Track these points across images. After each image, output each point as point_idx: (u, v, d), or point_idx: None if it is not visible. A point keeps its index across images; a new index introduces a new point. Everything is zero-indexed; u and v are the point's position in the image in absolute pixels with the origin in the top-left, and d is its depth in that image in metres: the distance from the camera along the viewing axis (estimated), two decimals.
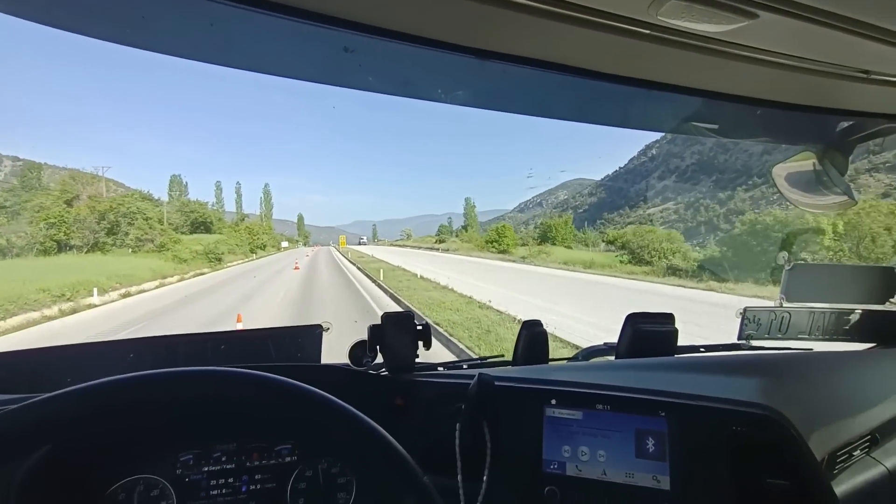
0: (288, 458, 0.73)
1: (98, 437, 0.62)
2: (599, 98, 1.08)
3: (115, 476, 0.65)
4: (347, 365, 0.91)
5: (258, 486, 0.71)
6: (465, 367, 1.09)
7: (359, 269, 25.25)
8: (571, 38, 0.84)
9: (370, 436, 0.52)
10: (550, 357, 1.18)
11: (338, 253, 48.37)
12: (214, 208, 66.83)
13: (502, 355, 1.20)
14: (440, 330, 8.37)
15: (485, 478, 0.69)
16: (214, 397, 0.52)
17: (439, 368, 1.03)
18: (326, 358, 1.00)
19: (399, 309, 3.14)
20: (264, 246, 52.26)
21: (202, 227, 46.88)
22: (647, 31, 0.74)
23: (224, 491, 0.69)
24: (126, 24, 0.79)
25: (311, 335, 0.97)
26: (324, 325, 0.98)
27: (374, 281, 18.46)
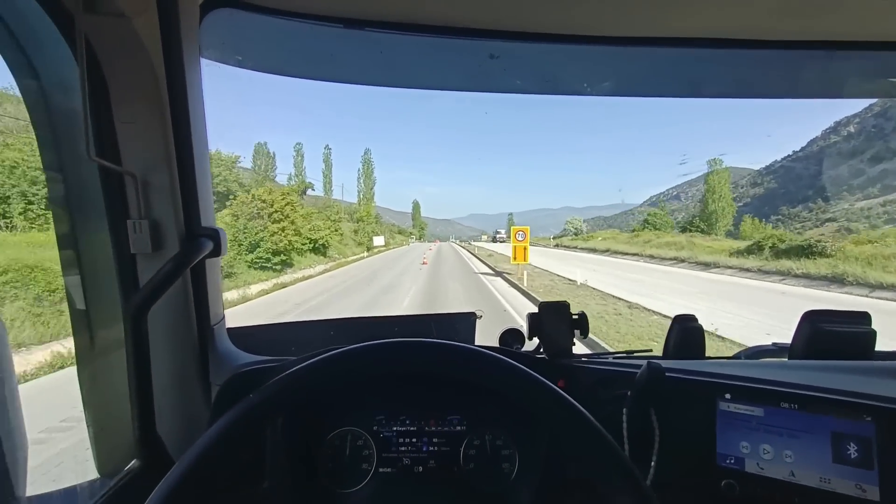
0: (458, 427, 0.83)
1: (326, 395, 0.78)
2: (763, 67, 0.96)
3: (332, 426, 0.82)
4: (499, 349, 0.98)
5: (436, 448, 0.82)
6: (611, 358, 1.08)
7: None
8: (729, 9, 0.78)
9: (603, 441, 0.53)
10: (707, 355, 1.09)
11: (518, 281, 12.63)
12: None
13: (650, 349, 1.15)
14: None
15: (653, 462, 0.69)
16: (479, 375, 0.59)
17: (584, 359, 1.04)
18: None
19: None
20: (325, 247, 26.33)
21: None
22: None
23: (410, 448, 0.82)
24: (319, 63, 0.97)
25: (466, 321, 1.09)
26: (477, 314, 1.08)
27: None
